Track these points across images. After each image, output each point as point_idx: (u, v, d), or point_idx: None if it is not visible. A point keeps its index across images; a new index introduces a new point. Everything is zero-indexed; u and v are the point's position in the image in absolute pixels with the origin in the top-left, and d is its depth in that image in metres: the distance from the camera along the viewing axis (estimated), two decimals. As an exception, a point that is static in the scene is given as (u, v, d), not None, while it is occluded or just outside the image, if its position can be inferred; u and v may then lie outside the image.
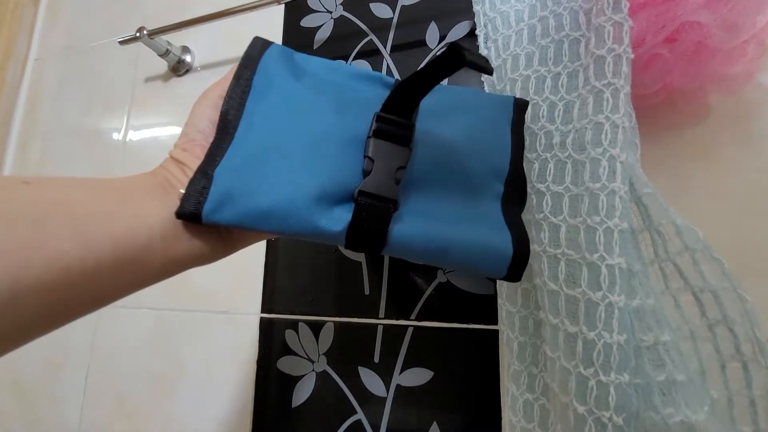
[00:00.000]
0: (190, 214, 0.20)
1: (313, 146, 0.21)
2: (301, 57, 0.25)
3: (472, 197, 0.23)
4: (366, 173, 0.21)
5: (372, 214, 0.20)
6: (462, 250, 0.21)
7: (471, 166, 0.23)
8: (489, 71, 0.19)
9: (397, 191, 0.21)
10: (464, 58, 0.18)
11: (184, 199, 0.20)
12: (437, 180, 0.23)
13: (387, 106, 0.21)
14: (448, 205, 0.22)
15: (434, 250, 0.21)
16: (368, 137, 0.21)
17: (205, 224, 0.20)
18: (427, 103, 0.22)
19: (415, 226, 0.21)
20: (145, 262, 0.19)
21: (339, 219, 0.20)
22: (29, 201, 0.17)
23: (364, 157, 0.21)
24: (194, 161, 0.22)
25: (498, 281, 0.33)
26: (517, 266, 0.21)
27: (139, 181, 0.21)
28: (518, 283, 0.31)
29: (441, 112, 0.24)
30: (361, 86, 0.25)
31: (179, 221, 0.20)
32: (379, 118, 0.21)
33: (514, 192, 0.24)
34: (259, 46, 0.25)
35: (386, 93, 0.22)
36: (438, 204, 0.22)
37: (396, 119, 0.21)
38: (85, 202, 0.18)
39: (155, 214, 0.20)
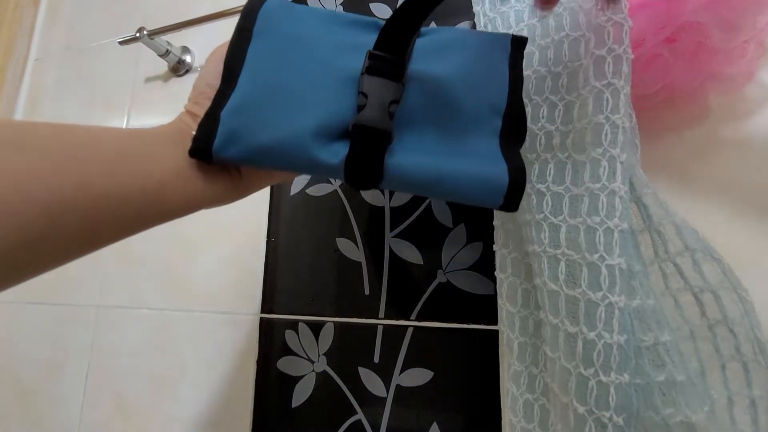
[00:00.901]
0: (201, 151, 0.22)
1: (311, 86, 0.23)
2: (299, 7, 0.26)
3: (469, 132, 0.24)
4: (360, 108, 0.22)
5: (367, 145, 0.21)
6: (457, 180, 0.22)
7: (466, 103, 0.24)
8: None
9: (390, 124, 0.22)
10: None
11: (195, 139, 0.23)
12: (433, 116, 0.23)
13: (379, 43, 0.22)
14: (443, 139, 0.23)
15: (430, 180, 0.22)
16: (361, 74, 0.22)
17: (216, 162, 0.23)
18: (422, 42, 0.24)
19: (410, 158, 0.22)
20: (164, 198, 0.22)
21: (337, 152, 0.22)
22: (63, 140, 0.19)
23: (358, 92, 0.22)
24: (204, 111, 0.24)
25: (498, 282, 0.33)
26: (513, 194, 0.22)
27: (157, 130, 0.24)
28: (518, 283, 0.31)
29: (436, 51, 0.25)
30: (357, 32, 0.25)
31: (194, 162, 0.23)
32: (371, 55, 0.22)
33: (513, 127, 0.24)
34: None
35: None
36: (434, 138, 0.23)
37: (387, 56, 0.22)
38: (111, 142, 0.21)
39: (172, 155, 0.22)
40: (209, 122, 0.23)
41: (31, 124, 0.20)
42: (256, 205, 0.45)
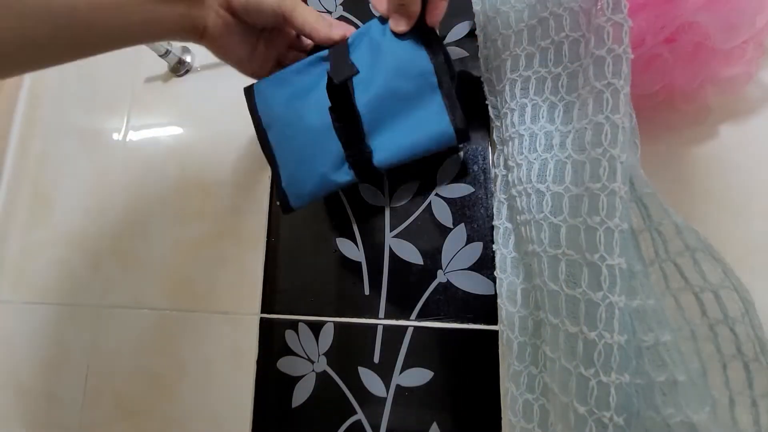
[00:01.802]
0: (287, 209, 0.37)
1: (313, 144, 0.34)
2: (270, 90, 0.36)
3: (417, 106, 0.32)
4: (342, 143, 0.33)
5: (359, 159, 0.33)
6: (423, 146, 0.32)
7: (406, 90, 0.32)
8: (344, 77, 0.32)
9: (365, 143, 0.33)
10: (331, 83, 0.31)
11: (281, 204, 0.36)
12: (388, 116, 0.32)
13: (331, 109, 0.33)
14: (402, 125, 0.32)
15: (405, 155, 0.33)
16: (334, 125, 0.33)
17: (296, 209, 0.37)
18: (356, 61, 0.33)
19: (386, 151, 0.33)
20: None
21: (346, 171, 0.34)
22: None
23: (338, 136, 0.33)
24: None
25: (497, 282, 0.33)
26: (461, 135, 0.31)
27: None
28: (518, 283, 0.31)
29: (369, 69, 0.33)
30: (311, 76, 0.35)
31: None
32: (331, 115, 0.33)
33: (443, 74, 0.31)
34: (250, 96, 0.37)
35: (325, 65, 0.34)
36: (394, 129, 0.33)
37: (340, 111, 0.32)
38: None
39: None
40: (280, 193, 0.36)
41: None
42: (256, 205, 0.45)
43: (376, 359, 0.37)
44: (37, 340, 0.52)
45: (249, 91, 0.37)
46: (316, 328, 0.40)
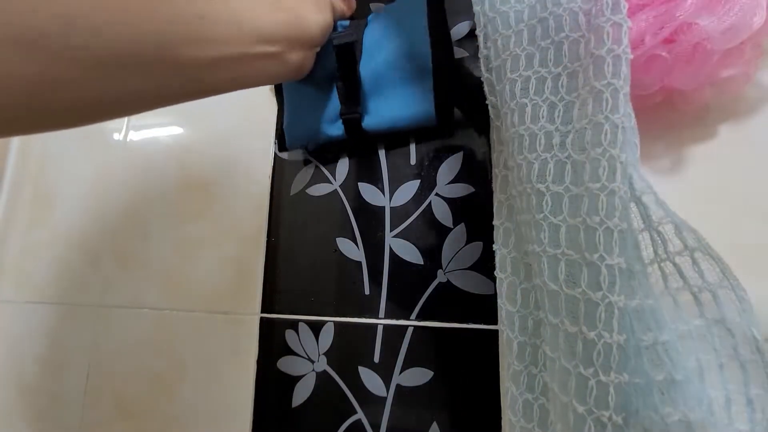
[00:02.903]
0: (282, 147, 0.43)
1: (315, 95, 0.39)
2: None
3: (411, 83, 0.36)
4: (342, 103, 0.37)
5: (350, 119, 0.37)
6: (406, 120, 0.37)
7: (404, 67, 0.36)
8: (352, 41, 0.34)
9: (359, 105, 0.37)
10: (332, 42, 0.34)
11: (279, 142, 0.44)
12: (384, 86, 0.37)
13: (337, 69, 0.36)
14: (393, 97, 0.37)
15: (391, 125, 0.37)
16: (336, 83, 0.37)
17: (291, 149, 0.43)
18: (368, 34, 0.38)
19: (376, 117, 0.37)
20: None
21: (339, 126, 0.38)
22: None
23: (338, 94, 0.37)
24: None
25: (497, 282, 0.33)
26: (442, 120, 0.36)
27: None
28: (518, 283, 0.31)
29: (378, 41, 0.37)
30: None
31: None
32: (336, 74, 0.36)
33: (440, 62, 0.36)
34: None
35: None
36: (387, 99, 0.37)
37: (343, 72, 0.36)
38: None
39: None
40: (279, 132, 0.42)
41: None
42: (256, 205, 0.45)
43: (376, 359, 0.38)
44: (38, 339, 0.52)
45: None
46: (316, 328, 0.40)
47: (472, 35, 0.39)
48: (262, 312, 0.42)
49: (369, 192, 0.41)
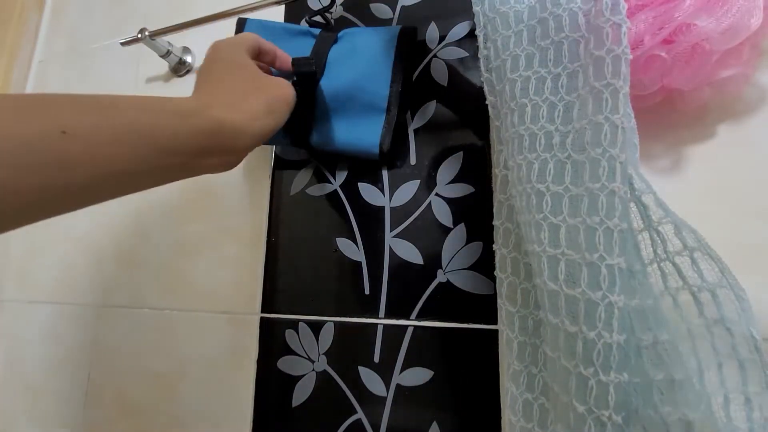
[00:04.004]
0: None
1: None
2: (259, 31, 0.39)
3: (362, 115, 0.38)
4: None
5: (298, 132, 0.39)
6: (351, 148, 0.39)
7: (360, 98, 0.38)
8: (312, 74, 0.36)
9: (310, 122, 0.39)
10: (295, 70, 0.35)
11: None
12: (338, 110, 0.38)
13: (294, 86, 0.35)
14: (344, 122, 0.38)
15: (335, 148, 0.39)
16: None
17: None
18: (335, 52, 0.39)
19: (322, 137, 0.39)
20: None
21: (284, 135, 0.39)
22: (108, 115, 0.23)
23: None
24: None
25: (497, 282, 0.33)
26: (383, 155, 0.38)
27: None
28: (518, 283, 0.31)
29: (341, 60, 0.38)
30: (296, 42, 0.40)
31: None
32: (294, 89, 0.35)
33: (394, 103, 0.38)
34: (240, 27, 0.42)
35: (312, 41, 0.40)
36: (338, 122, 0.38)
37: (300, 92, 0.35)
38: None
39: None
40: None
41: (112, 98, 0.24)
42: (256, 205, 0.45)
43: (377, 359, 0.38)
44: (41, 338, 0.52)
45: (240, 23, 0.42)
46: (316, 328, 0.40)
47: (472, 35, 0.39)
48: (262, 312, 0.42)
49: (369, 192, 0.41)
